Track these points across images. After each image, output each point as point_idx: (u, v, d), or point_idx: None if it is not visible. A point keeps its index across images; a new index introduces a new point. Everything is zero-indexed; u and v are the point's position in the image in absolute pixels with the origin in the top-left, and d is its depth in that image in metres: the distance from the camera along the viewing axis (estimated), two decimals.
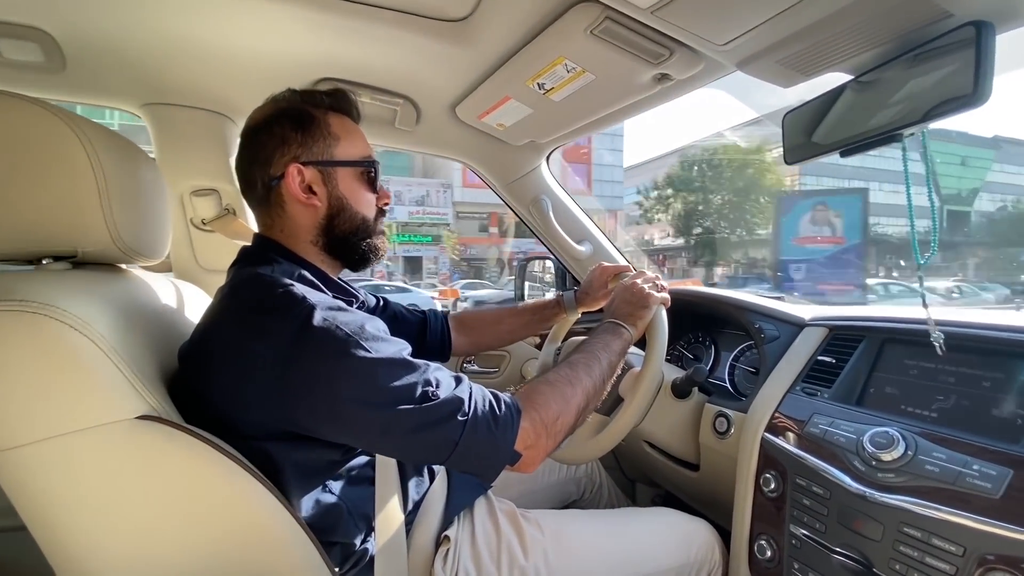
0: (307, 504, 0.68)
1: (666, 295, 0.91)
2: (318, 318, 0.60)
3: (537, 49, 0.87)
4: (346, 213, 0.77)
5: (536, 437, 0.65)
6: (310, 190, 0.75)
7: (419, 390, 0.61)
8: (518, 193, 1.49)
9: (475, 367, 1.57)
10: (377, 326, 0.65)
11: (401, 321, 1.09)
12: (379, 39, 0.92)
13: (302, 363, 0.59)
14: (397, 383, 0.60)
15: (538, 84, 0.96)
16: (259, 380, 0.60)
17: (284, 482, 0.64)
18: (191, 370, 0.66)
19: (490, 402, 0.64)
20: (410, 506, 0.81)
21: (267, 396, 0.60)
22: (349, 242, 0.78)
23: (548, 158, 1.44)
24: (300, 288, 0.63)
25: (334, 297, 0.73)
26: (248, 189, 0.78)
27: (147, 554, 0.59)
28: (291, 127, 0.74)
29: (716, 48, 0.74)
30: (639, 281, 0.90)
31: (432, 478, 0.87)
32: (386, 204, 0.84)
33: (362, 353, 0.60)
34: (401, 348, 0.65)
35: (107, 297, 0.64)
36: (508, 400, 0.66)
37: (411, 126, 1.23)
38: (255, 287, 0.66)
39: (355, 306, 0.80)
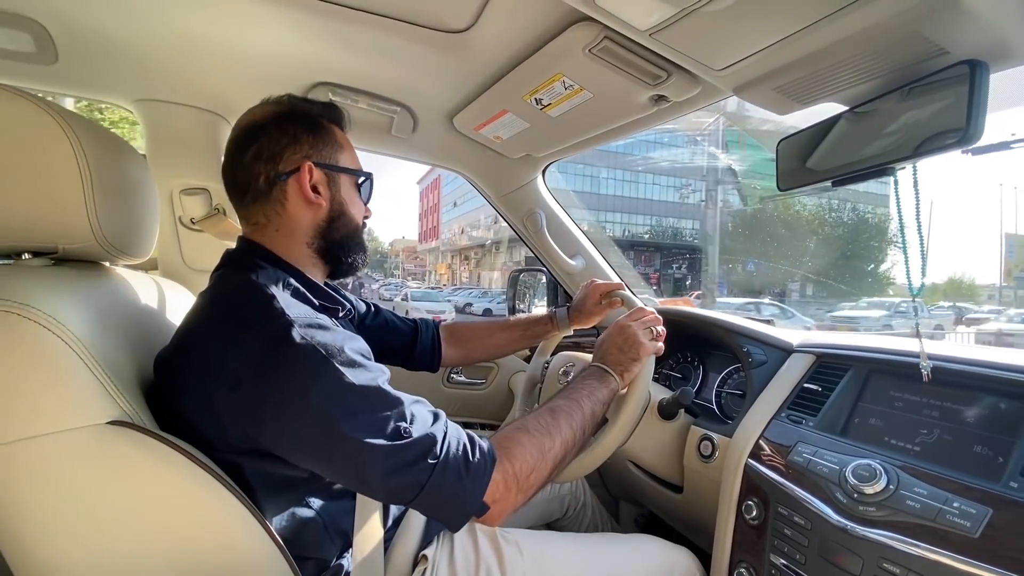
0: (282, 517, 0.66)
1: (660, 345, 0.88)
2: (296, 335, 0.59)
3: (536, 65, 0.87)
4: (345, 218, 0.79)
5: (506, 491, 0.63)
6: (317, 190, 0.76)
7: (391, 425, 0.59)
8: (513, 205, 1.49)
9: (462, 378, 1.56)
10: (357, 346, 0.64)
11: (392, 330, 1.09)
12: (378, 46, 0.91)
13: (273, 382, 0.57)
14: (369, 414, 0.58)
15: (535, 99, 0.96)
16: (230, 396, 0.58)
17: (259, 494, 0.63)
18: (166, 378, 0.65)
19: (465, 447, 0.62)
20: (390, 522, 0.79)
21: (237, 412, 0.59)
22: (343, 247, 0.79)
23: (544, 172, 1.44)
24: (282, 301, 0.62)
25: (321, 306, 0.73)
26: (241, 186, 0.75)
27: (112, 562, 0.58)
28: (304, 128, 0.76)
29: (713, 73, 0.74)
30: (635, 324, 0.87)
31: None
32: (367, 217, 0.85)
33: (336, 376, 0.58)
34: (377, 375, 0.63)
35: (86, 296, 0.62)
36: (484, 447, 0.63)
37: (407, 134, 1.23)
38: (235, 297, 0.65)
39: (342, 313, 0.80)
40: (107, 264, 0.77)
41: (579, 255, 1.54)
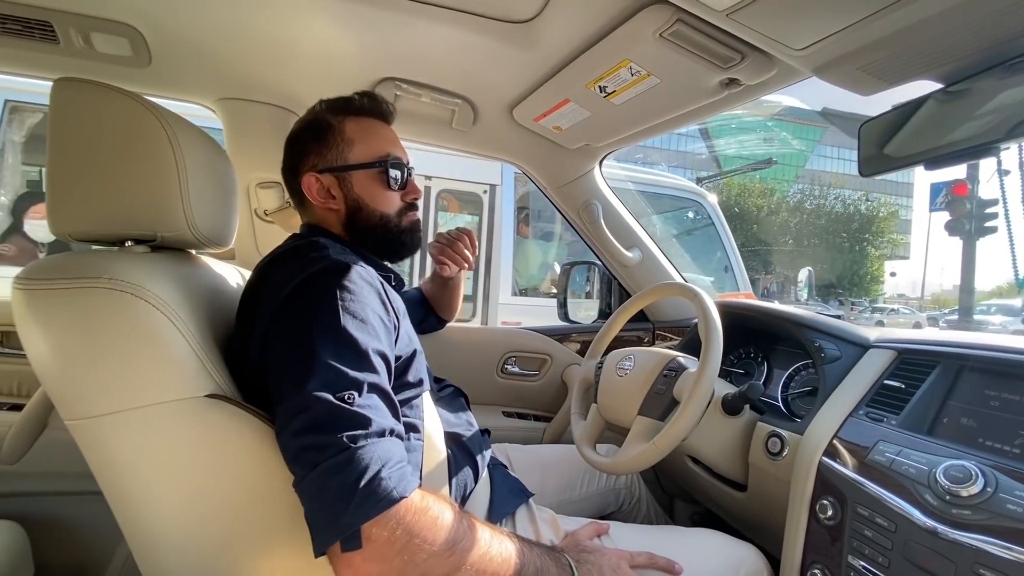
0: None
1: None
2: (330, 273, 0.65)
3: (602, 52, 0.86)
4: (363, 212, 0.83)
5: (387, 544, 0.53)
6: (329, 194, 0.83)
7: (343, 382, 0.58)
8: (569, 197, 1.48)
9: (516, 368, 1.57)
10: (380, 311, 0.67)
11: (414, 303, 1.25)
12: (442, 39, 0.93)
13: (296, 307, 0.63)
14: (333, 361, 0.58)
15: (599, 87, 0.95)
16: (261, 323, 0.64)
17: None
18: (241, 335, 0.70)
19: (387, 464, 0.55)
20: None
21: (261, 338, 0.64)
22: (372, 236, 0.85)
23: (601, 162, 1.43)
24: (333, 251, 0.69)
25: (379, 272, 0.78)
26: (290, 194, 0.87)
27: (208, 526, 0.62)
28: (311, 138, 0.83)
29: (792, 53, 0.71)
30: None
31: (476, 479, 0.87)
32: (414, 199, 0.88)
33: (335, 318, 0.61)
34: (372, 342, 0.62)
35: (182, 280, 0.67)
36: (399, 487, 0.55)
37: (467, 127, 1.24)
38: (293, 248, 0.72)
39: (394, 283, 0.85)
40: (194, 252, 0.82)
41: (635, 247, 1.52)
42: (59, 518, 1.10)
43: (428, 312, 1.27)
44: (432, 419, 0.79)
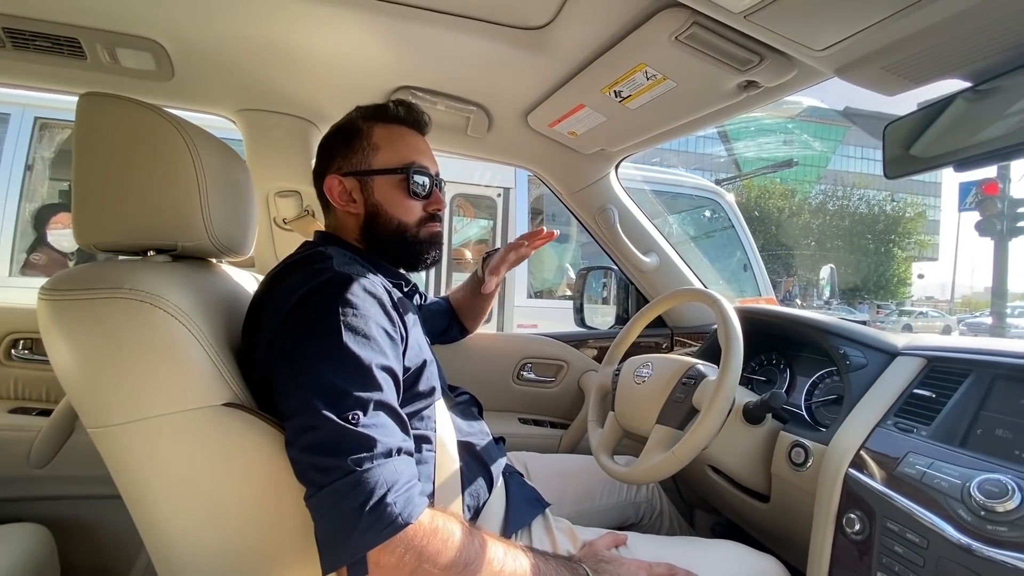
0: None
1: None
2: (332, 288, 0.64)
3: (617, 56, 0.85)
4: (381, 218, 0.83)
5: (396, 569, 0.53)
6: (350, 197, 0.83)
7: (347, 402, 0.57)
8: (584, 202, 1.47)
9: (532, 375, 1.56)
10: (385, 324, 0.66)
11: (437, 312, 1.23)
12: (456, 47, 0.93)
13: (299, 322, 0.63)
14: (334, 380, 0.58)
15: (615, 92, 0.94)
16: (268, 332, 0.65)
17: None
18: (247, 344, 0.71)
19: (393, 488, 0.55)
20: (469, 514, 0.80)
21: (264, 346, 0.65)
22: (388, 243, 0.84)
23: (617, 167, 1.42)
24: (338, 262, 0.68)
25: (387, 279, 0.78)
26: (317, 197, 0.89)
27: (224, 532, 0.63)
28: (340, 142, 0.85)
29: (813, 54, 0.70)
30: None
31: (490, 489, 0.86)
32: (437, 210, 0.87)
33: (335, 335, 0.60)
34: (376, 358, 0.62)
35: (201, 289, 0.68)
36: (405, 511, 0.55)
37: (482, 134, 1.24)
38: (302, 257, 0.72)
39: (407, 288, 0.86)
40: (214, 261, 0.83)
41: (652, 252, 1.50)
42: (85, 522, 1.12)
43: (452, 322, 1.26)
44: (446, 428, 0.79)
